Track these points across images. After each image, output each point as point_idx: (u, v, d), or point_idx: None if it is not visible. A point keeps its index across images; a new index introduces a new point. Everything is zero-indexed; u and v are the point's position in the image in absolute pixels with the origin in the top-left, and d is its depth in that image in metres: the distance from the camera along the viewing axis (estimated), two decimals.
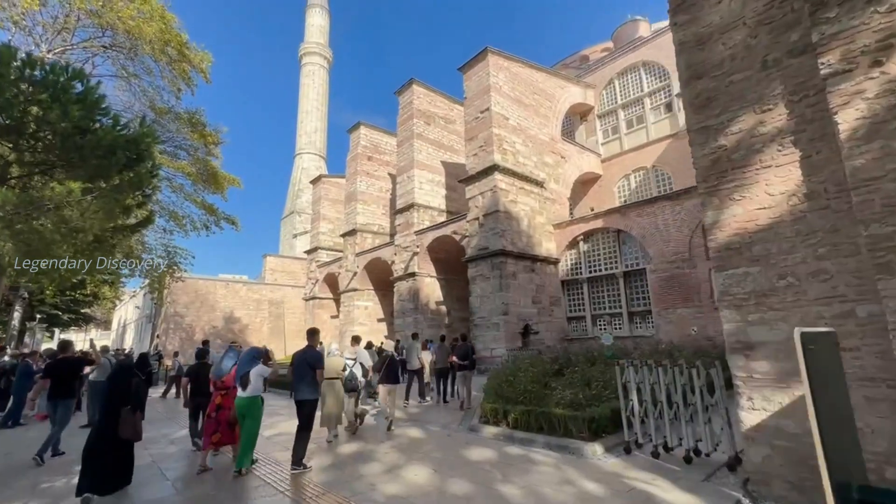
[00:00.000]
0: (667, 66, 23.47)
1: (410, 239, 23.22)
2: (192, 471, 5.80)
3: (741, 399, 3.62)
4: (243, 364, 5.76)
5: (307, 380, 5.86)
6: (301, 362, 5.96)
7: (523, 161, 20.30)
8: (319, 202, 34.46)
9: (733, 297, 3.77)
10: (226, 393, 5.95)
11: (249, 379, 5.56)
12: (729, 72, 3.96)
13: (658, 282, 16.94)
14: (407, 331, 22.34)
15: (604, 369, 7.80)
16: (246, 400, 5.53)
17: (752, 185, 3.73)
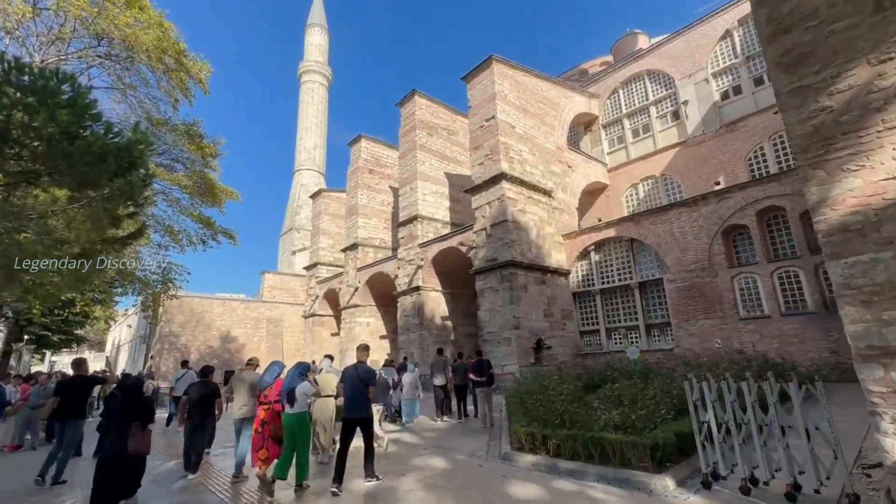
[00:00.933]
0: (672, 74, 23.21)
1: (414, 252, 22.48)
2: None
3: (881, 421, 2.84)
4: (291, 380, 5.61)
5: (360, 396, 5.59)
6: (353, 378, 5.66)
7: (531, 170, 19.74)
8: (319, 217, 33.80)
9: (858, 291, 3.02)
10: (269, 407, 5.82)
11: (296, 396, 5.45)
12: (828, 20, 3.29)
13: (677, 292, 16.16)
14: (412, 347, 21.40)
15: (642, 385, 6.97)
16: (294, 417, 5.42)
17: (874, 150, 3.02)
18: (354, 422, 5.51)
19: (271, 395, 5.90)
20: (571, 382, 7.54)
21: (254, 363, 7.68)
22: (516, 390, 11.11)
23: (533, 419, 5.92)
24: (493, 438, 7.25)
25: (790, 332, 13.49)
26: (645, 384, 6.97)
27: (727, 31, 21.62)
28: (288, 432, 5.40)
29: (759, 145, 19.84)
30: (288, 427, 5.41)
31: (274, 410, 5.81)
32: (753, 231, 14.71)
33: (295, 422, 5.39)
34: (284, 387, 5.59)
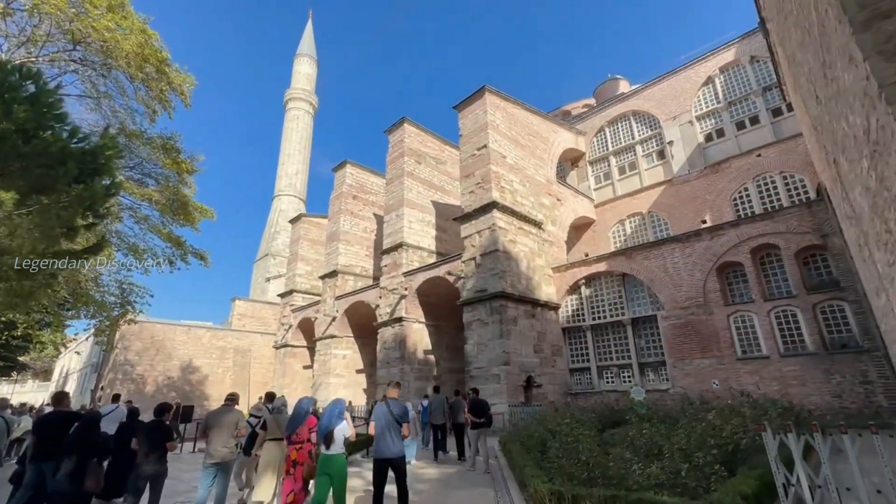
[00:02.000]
0: (657, 116, 23.80)
1: (398, 280, 21.50)
2: None
3: None
4: (328, 419, 5.30)
5: (394, 434, 5.35)
6: (385, 415, 5.42)
7: (521, 200, 19.41)
8: (298, 242, 32.55)
9: None
10: (300, 447, 5.57)
11: (334, 437, 5.18)
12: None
13: (671, 330, 15.65)
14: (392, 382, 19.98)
15: (666, 430, 6.16)
16: (331, 459, 5.17)
17: None
18: (387, 462, 5.24)
19: (303, 435, 5.64)
20: (589, 426, 6.65)
21: (234, 399, 6.60)
22: (514, 433, 10.10)
23: (553, 471, 4.99)
24: (499, 492, 6.21)
25: (790, 373, 13.04)
26: (670, 429, 6.16)
27: (709, 78, 22.46)
28: (323, 475, 5.12)
29: (743, 186, 20.18)
30: (323, 469, 5.14)
31: (305, 450, 5.58)
32: (748, 269, 14.51)
33: (331, 464, 5.14)
34: (322, 426, 5.26)
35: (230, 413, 6.26)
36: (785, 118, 19.83)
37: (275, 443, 6.68)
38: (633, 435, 5.68)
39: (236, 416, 6.33)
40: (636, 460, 4.82)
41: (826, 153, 9.31)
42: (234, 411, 6.34)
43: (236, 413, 6.40)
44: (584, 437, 5.69)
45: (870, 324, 11.95)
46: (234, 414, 6.30)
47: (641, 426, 6.47)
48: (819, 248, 13.53)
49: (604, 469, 4.66)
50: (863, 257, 9.28)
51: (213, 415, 6.40)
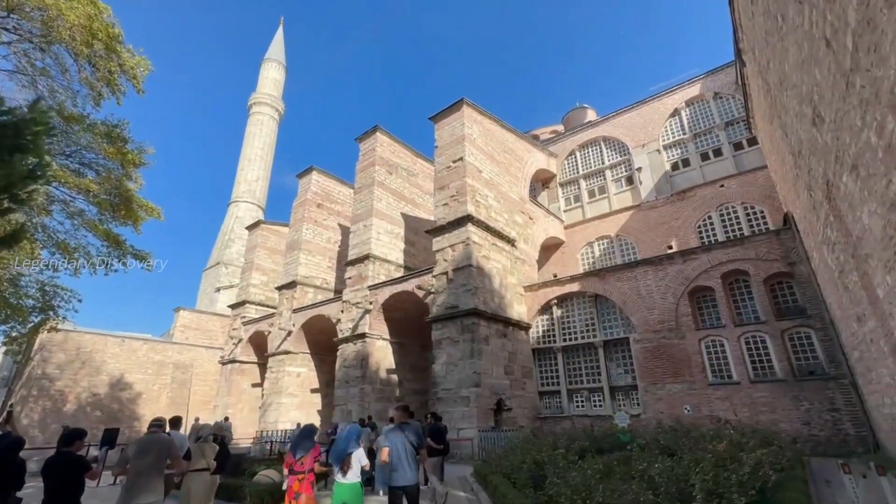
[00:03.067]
0: (627, 142, 24.41)
1: (363, 294, 20.30)
2: None
3: None
4: (345, 445, 5.03)
5: (411, 461, 5.06)
6: (401, 440, 5.11)
7: (495, 216, 18.97)
8: (254, 250, 30.52)
9: None
10: (302, 477, 5.25)
11: (350, 464, 4.94)
12: None
13: (643, 353, 15.45)
14: (350, 403, 18.61)
15: (673, 463, 5.52)
16: (348, 487, 4.92)
17: None
18: (403, 490, 4.95)
19: (307, 464, 5.29)
20: (585, 456, 5.86)
21: (161, 424, 5.32)
22: (492, 463, 9.20)
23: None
24: None
25: (760, 399, 13.03)
26: (677, 461, 5.53)
27: (676, 110, 23.35)
28: (340, 502, 4.85)
29: (707, 214, 20.81)
30: (340, 498, 4.86)
31: (308, 481, 5.26)
32: (719, 294, 14.62)
33: (348, 492, 4.89)
34: (337, 452, 4.99)
35: (158, 442, 4.92)
36: (746, 152, 20.76)
37: (199, 474, 5.96)
38: (643, 469, 5.00)
39: (166, 444, 4.99)
40: (649, 499, 4.14)
41: (809, 178, 9.42)
42: (161, 440, 4.95)
43: (166, 440, 5.04)
44: (589, 471, 4.94)
45: (836, 351, 12.16)
46: (161, 442, 4.91)
47: (644, 457, 5.83)
48: (786, 275, 13.83)
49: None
50: (843, 283, 9.35)
51: (134, 445, 5.02)
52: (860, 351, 9.51)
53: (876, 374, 8.53)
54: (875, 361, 8.26)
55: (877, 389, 8.88)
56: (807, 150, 8.49)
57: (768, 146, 14.08)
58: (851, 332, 9.80)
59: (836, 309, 10.98)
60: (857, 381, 11.08)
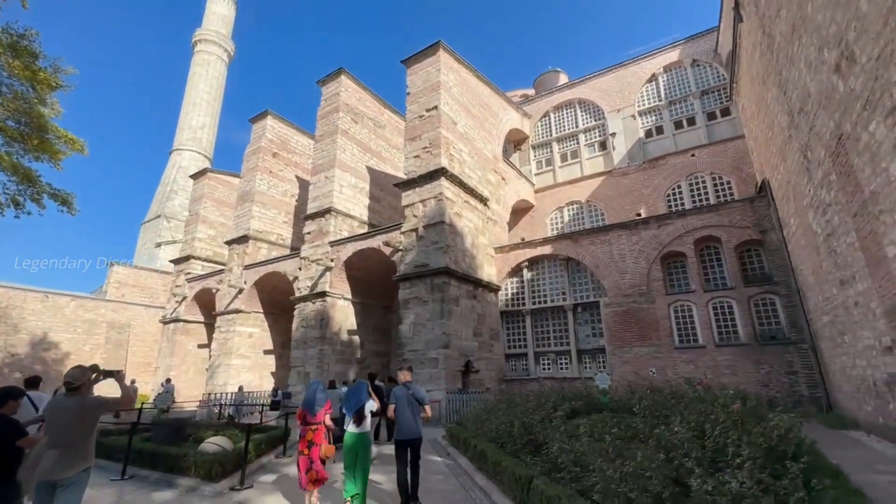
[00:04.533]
0: (602, 106, 23.82)
1: (323, 251, 18.89)
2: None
3: None
4: (356, 399, 5.41)
5: (416, 418, 5.52)
6: (409, 398, 5.53)
7: (469, 173, 17.93)
8: (201, 201, 27.81)
9: None
10: (316, 429, 5.62)
11: (364, 414, 5.35)
12: None
13: (613, 317, 15.38)
14: (308, 365, 17.56)
15: (686, 428, 4.99)
16: (360, 436, 5.31)
17: None
18: (409, 442, 5.43)
19: (319, 417, 5.76)
20: (599, 425, 5.25)
21: (76, 383, 3.95)
22: (471, 427, 8.59)
23: (598, 493, 3.48)
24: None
25: (724, 363, 13.31)
26: (681, 425, 5.03)
27: (654, 75, 22.88)
28: (352, 452, 5.24)
29: (676, 183, 20.85)
30: (353, 447, 5.26)
31: (321, 431, 5.68)
32: (690, 259, 14.62)
33: (360, 441, 5.31)
34: (352, 404, 5.39)
35: (72, 402, 3.66)
36: (718, 122, 20.75)
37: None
38: (659, 433, 4.44)
39: (82, 405, 3.71)
40: (707, 471, 3.55)
41: (809, 136, 9.09)
42: (79, 400, 3.72)
43: (86, 400, 3.77)
44: (607, 436, 4.30)
45: (798, 317, 12.47)
46: (80, 401, 3.68)
47: (648, 421, 5.34)
48: (756, 243, 13.96)
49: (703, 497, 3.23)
50: (828, 247, 9.27)
51: (46, 410, 3.77)
52: (833, 315, 9.61)
53: (852, 336, 8.58)
54: (855, 325, 8.26)
55: (849, 352, 9.00)
56: (814, 105, 8.05)
57: (752, 111, 13.82)
58: (825, 297, 9.87)
59: (808, 275, 11.09)
60: (819, 345, 11.40)
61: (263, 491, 6.21)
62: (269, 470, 7.50)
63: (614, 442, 4.20)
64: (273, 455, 8.36)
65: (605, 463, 3.67)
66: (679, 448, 4.20)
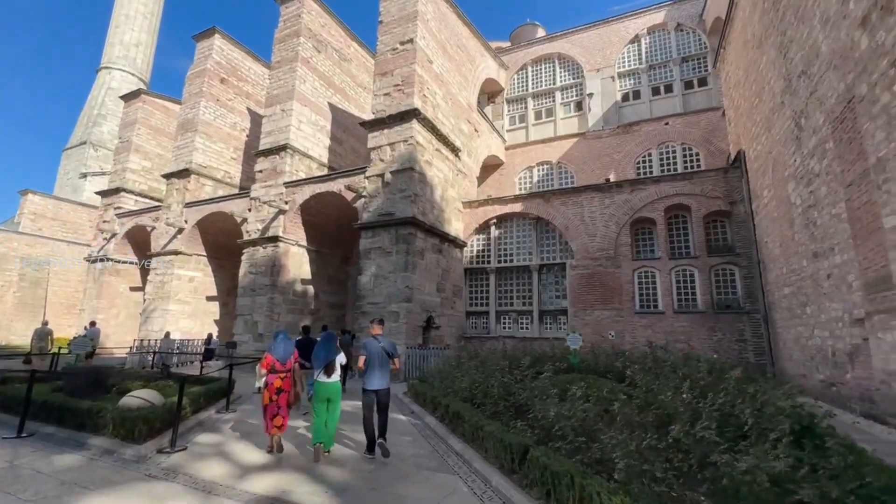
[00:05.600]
0: (582, 64, 22.90)
1: (277, 191, 17.21)
2: None
3: None
4: (329, 351, 5.61)
5: (385, 369, 5.63)
6: (380, 350, 5.62)
7: (442, 119, 16.67)
8: (133, 127, 24.51)
9: None
10: (285, 376, 5.70)
11: (335, 367, 5.56)
12: None
13: (578, 279, 15.27)
14: (257, 314, 16.35)
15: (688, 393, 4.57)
16: (332, 385, 5.53)
17: None
18: (376, 392, 5.51)
19: (289, 365, 5.79)
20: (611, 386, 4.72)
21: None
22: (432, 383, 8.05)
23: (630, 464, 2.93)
24: (469, 481, 4.05)
25: (680, 329, 13.63)
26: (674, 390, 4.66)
27: (637, 36, 22.10)
28: (323, 400, 5.42)
29: (648, 151, 20.70)
30: (325, 395, 5.44)
31: (289, 378, 5.73)
32: (659, 226, 14.57)
33: (333, 390, 5.51)
34: (322, 357, 5.54)
35: None
36: (694, 92, 20.54)
37: None
38: (666, 399, 4.00)
39: None
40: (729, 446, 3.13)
41: (807, 102, 8.77)
42: None
43: None
44: (614, 399, 3.79)
45: (755, 289, 12.83)
46: None
47: (645, 377, 4.97)
48: (723, 214, 14.06)
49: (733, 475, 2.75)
50: (807, 219, 9.25)
51: None
52: (797, 287, 9.78)
53: (816, 308, 8.73)
54: (823, 296, 8.36)
55: (808, 323, 9.22)
56: (822, 66, 7.63)
57: (737, 78, 13.48)
58: (791, 269, 10.01)
59: (774, 248, 11.24)
60: (773, 315, 11.79)
61: (199, 454, 5.30)
62: (209, 428, 6.57)
63: (624, 409, 3.67)
64: (214, 410, 7.39)
65: (616, 433, 3.13)
66: (683, 416, 3.74)
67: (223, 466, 4.92)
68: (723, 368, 7.46)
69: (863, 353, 7.13)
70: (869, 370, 6.94)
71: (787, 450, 2.94)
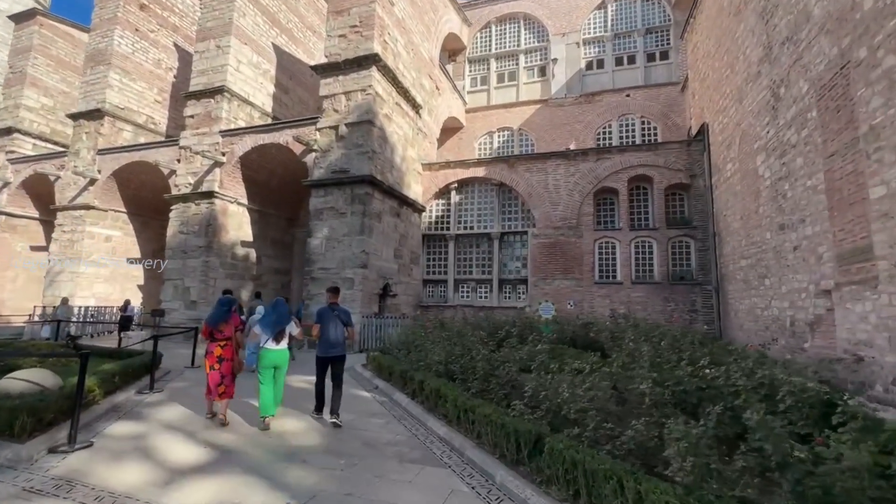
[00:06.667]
0: (548, 27, 22.06)
1: (212, 141, 15.11)
2: None
3: None
4: (280, 319, 5.35)
5: (340, 337, 5.52)
6: (332, 318, 5.50)
7: (404, 71, 15.26)
8: (28, 55, 20.50)
9: None
10: (225, 344, 5.44)
11: (285, 334, 5.40)
12: None
13: (540, 248, 14.97)
14: (189, 279, 14.56)
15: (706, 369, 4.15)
16: (281, 353, 5.37)
17: None
18: (329, 360, 5.47)
19: (227, 332, 5.47)
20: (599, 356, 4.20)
21: None
22: (394, 354, 7.31)
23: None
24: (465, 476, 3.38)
25: (637, 299, 13.81)
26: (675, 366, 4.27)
27: (604, 2, 21.52)
28: (270, 367, 5.25)
29: (608, 122, 20.58)
30: (272, 362, 5.27)
31: (230, 347, 5.47)
32: (622, 197, 14.49)
33: (281, 357, 5.36)
34: (272, 323, 5.30)
35: None
36: (655, 65, 20.51)
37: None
38: (682, 374, 3.53)
39: None
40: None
41: (789, 71, 8.62)
42: None
43: None
44: (641, 378, 3.24)
45: (708, 261, 13.17)
46: None
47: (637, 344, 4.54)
48: (683, 187, 14.19)
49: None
50: (776, 191, 9.31)
51: None
52: (756, 259, 9.98)
53: (777, 279, 8.90)
54: (786, 268, 8.48)
55: (765, 294, 9.43)
56: (813, 30, 7.37)
57: (707, 49, 13.32)
58: (751, 242, 10.19)
59: (733, 221, 11.42)
60: (726, 287, 12.15)
61: (109, 451, 4.14)
62: (126, 414, 5.34)
63: (660, 391, 3.12)
64: (134, 391, 6.13)
65: (646, 418, 2.56)
66: (721, 396, 3.26)
67: (143, 468, 3.81)
68: (677, 336, 7.37)
69: (825, 323, 7.27)
70: (831, 339, 7.09)
71: (854, 436, 2.51)
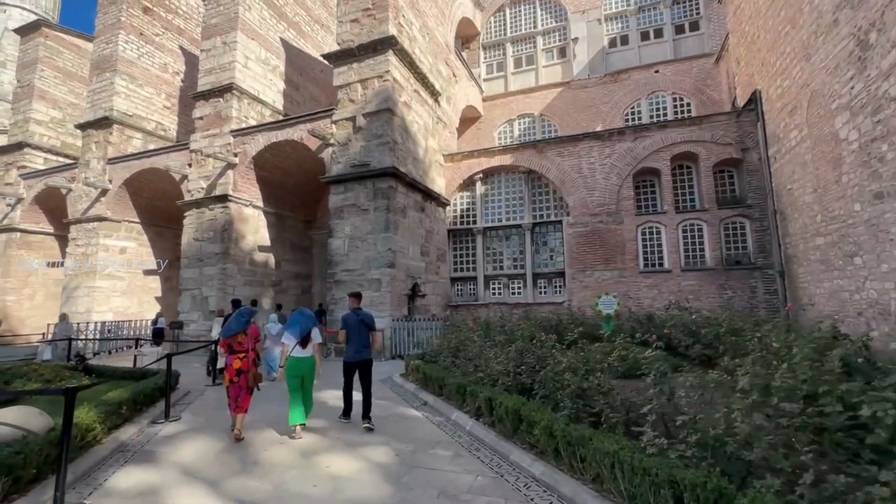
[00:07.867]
0: (566, 5, 20.84)
1: (223, 142, 14.37)
2: None
3: None
4: (306, 326, 5.20)
5: (365, 341, 5.54)
6: (358, 324, 5.53)
7: (420, 56, 14.28)
8: (35, 68, 20.12)
9: None
10: (244, 356, 5.20)
11: (311, 338, 5.25)
12: None
13: (576, 238, 13.85)
14: (206, 288, 13.83)
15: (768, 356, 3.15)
16: (307, 361, 5.23)
17: None
18: (357, 364, 5.49)
19: (246, 344, 5.24)
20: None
21: None
22: (440, 362, 6.35)
23: None
24: None
25: (688, 288, 12.60)
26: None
27: None
28: (297, 377, 5.11)
29: (637, 101, 19.30)
30: (299, 371, 5.14)
31: (250, 359, 5.26)
32: (665, 177, 13.28)
33: (307, 366, 5.24)
34: (298, 331, 5.15)
35: None
36: (686, 37, 19.15)
37: None
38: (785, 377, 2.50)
39: None
40: None
41: (881, 12, 7.41)
42: None
43: None
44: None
45: (768, 242, 11.90)
46: None
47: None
48: (733, 162, 12.93)
49: None
50: (868, 156, 8.09)
51: None
52: (839, 235, 8.74)
53: (873, 257, 7.66)
54: (887, 244, 7.29)
55: (855, 275, 8.20)
56: None
57: (755, 7, 12.01)
58: (832, 216, 8.94)
59: (803, 194, 10.14)
60: (795, 269, 10.87)
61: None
62: (135, 455, 4.36)
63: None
64: (147, 422, 5.28)
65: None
66: None
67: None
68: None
69: None
70: None
71: None
